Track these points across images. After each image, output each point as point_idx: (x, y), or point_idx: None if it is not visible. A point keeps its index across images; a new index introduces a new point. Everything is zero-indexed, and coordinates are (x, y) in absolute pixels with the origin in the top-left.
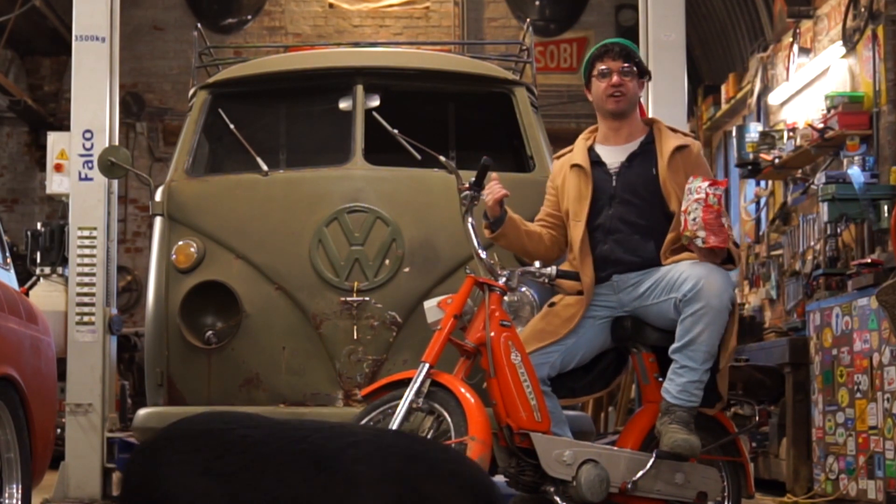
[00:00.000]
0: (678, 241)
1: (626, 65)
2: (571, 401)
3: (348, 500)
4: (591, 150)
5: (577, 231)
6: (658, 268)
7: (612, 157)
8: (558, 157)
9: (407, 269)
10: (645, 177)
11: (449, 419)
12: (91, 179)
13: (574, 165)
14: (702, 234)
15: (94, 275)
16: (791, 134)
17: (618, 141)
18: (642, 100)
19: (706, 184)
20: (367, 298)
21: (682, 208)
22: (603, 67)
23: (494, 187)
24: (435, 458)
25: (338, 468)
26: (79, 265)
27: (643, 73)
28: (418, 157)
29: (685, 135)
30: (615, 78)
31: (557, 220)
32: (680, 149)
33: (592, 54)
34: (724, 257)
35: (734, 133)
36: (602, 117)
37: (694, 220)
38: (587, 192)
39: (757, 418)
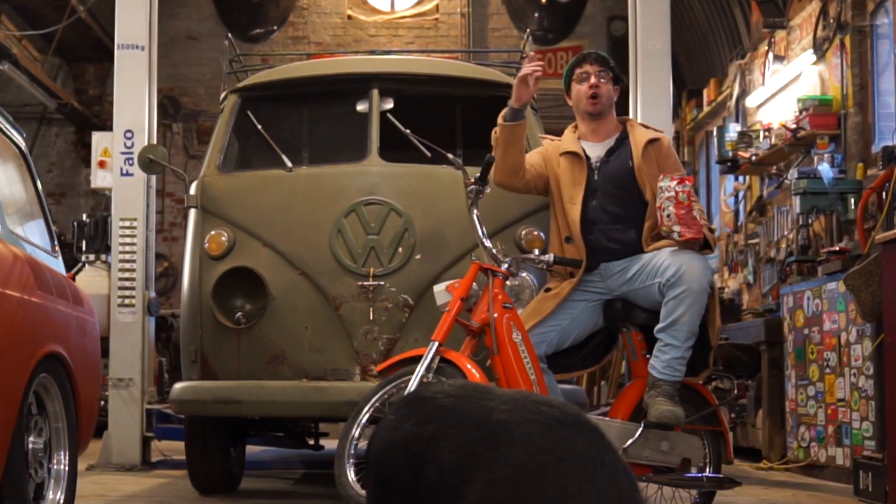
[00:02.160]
0: (656, 228)
1: (602, 68)
2: (566, 375)
3: (502, 476)
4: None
5: (574, 213)
6: (642, 255)
7: (594, 152)
8: (549, 140)
9: (418, 257)
10: (622, 169)
11: None
12: (132, 175)
13: (568, 153)
14: (677, 228)
15: (134, 261)
16: (766, 133)
17: (596, 139)
18: (631, 102)
19: (674, 183)
20: (382, 283)
21: (658, 205)
22: (581, 71)
23: (534, 67)
24: (582, 458)
25: (502, 442)
26: (120, 253)
27: (617, 81)
28: (428, 154)
29: (655, 130)
30: (592, 79)
31: (536, 172)
32: (652, 142)
33: (572, 63)
34: (701, 244)
35: (715, 133)
36: (581, 118)
37: (668, 216)
38: (581, 178)
39: (735, 391)
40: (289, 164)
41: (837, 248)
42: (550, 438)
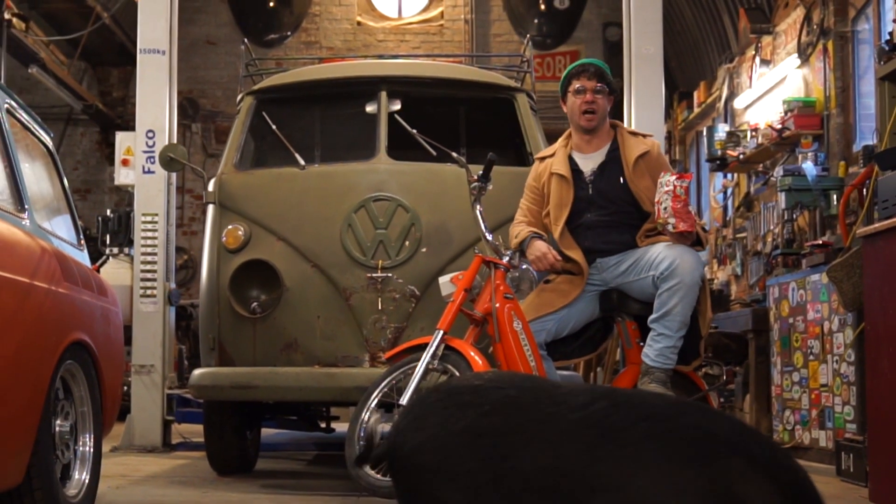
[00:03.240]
0: (653, 228)
1: (599, 84)
2: (565, 362)
3: (635, 479)
4: (569, 158)
5: (556, 233)
6: (636, 249)
7: (587, 165)
8: (540, 159)
9: (424, 250)
10: (615, 185)
11: None
12: (153, 172)
13: (556, 174)
14: (672, 220)
15: (155, 254)
16: (753, 133)
17: (589, 150)
18: (625, 104)
19: (674, 177)
20: (389, 274)
21: (656, 199)
22: (578, 85)
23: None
24: (747, 449)
25: (627, 443)
26: (142, 246)
27: (612, 91)
28: (434, 153)
29: (644, 136)
30: (588, 95)
31: (540, 217)
32: (642, 157)
33: (570, 72)
34: (693, 240)
35: (705, 133)
36: (575, 129)
37: (665, 209)
38: (568, 200)
39: (724, 377)
40: (302, 162)
41: (821, 242)
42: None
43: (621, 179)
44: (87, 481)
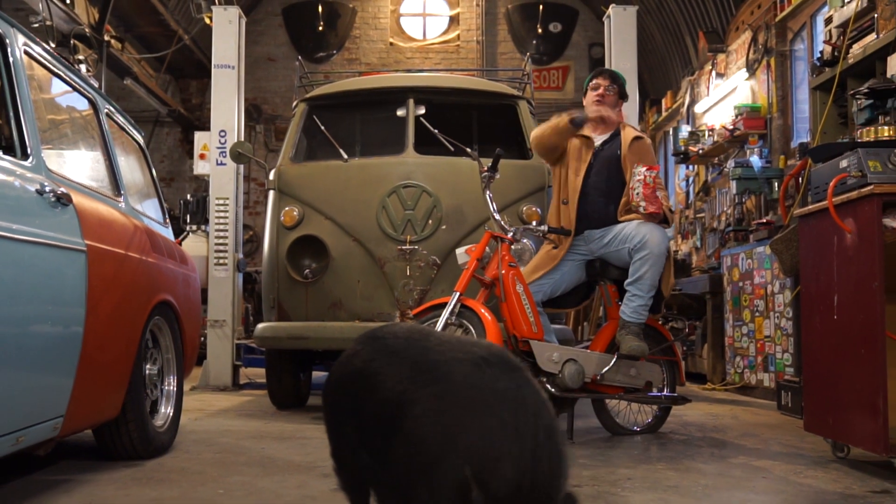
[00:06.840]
0: (629, 204)
1: (610, 84)
2: (557, 310)
3: (449, 379)
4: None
5: (576, 182)
6: (616, 225)
7: (596, 141)
8: None
9: (444, 227)
10: (613, 155)
11: (473, 331)
12: (225, 164)
13: (581, 136)
14: (643, 203)
15: (227, 230)
16: (710, 133)
17: (597, 134)
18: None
19: (645, 168)
20: (416, 247)
21: (630, 186)
22: (594, 82)
23: (597, 110)
24: (504, 394)
25: (435, 373)
26: (216, 224)
27: (623, 96)
28: (452, 149)
29: (640, 132)
30: (601, 90)
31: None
32: (637, 139)
33: (591, 75)
34: (661, 219)
35: (671, 132)
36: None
37: (637, 193)
38: (587, 156)
39: (687, 330)
40: (345, 156)
41: (765, 221)
42: (476, 375)
43: (618, 152)
44: (171, 414)
